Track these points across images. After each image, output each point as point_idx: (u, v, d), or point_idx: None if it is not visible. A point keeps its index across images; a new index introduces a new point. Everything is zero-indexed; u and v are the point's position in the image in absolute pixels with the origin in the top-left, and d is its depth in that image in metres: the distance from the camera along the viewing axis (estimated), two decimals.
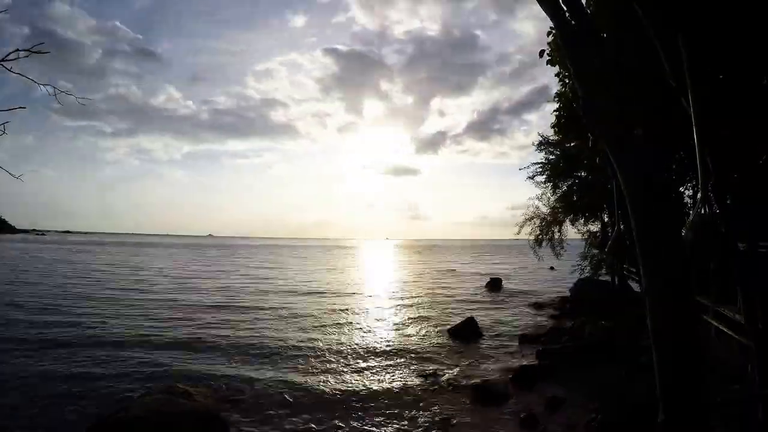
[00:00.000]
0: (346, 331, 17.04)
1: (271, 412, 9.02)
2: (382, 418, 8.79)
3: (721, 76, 5.99)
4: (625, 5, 5.77)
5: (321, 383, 10.78)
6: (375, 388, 10.52)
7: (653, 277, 4.39)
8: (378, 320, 19.55)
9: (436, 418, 8.64)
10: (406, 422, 8.61)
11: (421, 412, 9.01)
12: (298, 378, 11.12)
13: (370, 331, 17.05)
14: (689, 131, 5.19)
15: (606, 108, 4.66)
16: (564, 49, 4.93)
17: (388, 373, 11.69)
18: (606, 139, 4.66)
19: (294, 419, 8.74)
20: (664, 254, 4.31)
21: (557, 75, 9.08)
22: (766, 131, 6.24)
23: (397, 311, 22.05)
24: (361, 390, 10.33)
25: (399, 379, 11.17)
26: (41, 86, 5.87)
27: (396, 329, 17.55)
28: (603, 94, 4.66)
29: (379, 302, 25.10)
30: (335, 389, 10.36)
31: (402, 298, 26.78)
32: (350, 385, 10.70)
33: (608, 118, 4.62)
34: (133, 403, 8.27)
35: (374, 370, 11.95)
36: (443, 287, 32.63)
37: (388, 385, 10.66)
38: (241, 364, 12.38)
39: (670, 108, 5.84)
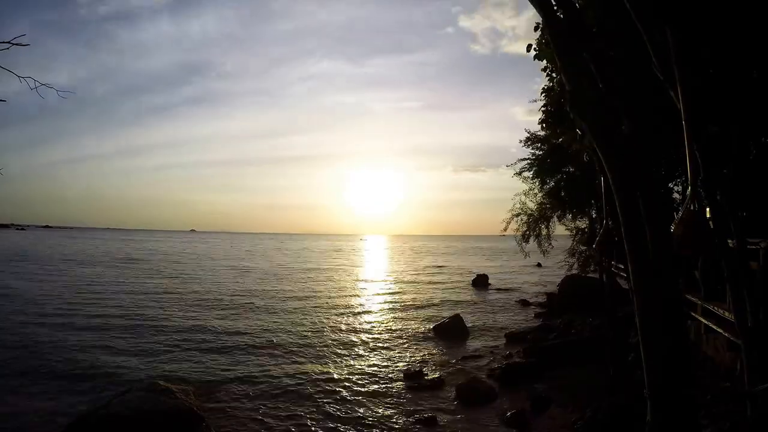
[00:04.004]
0: (329, 328, 16.85)
1: (251, 412, 8.84)
2: (365, 418, 8.66)
3: (710, 70, 5.91)
4: None
5: (303, 381, 10.63)
6: (358, 386, 10.39)
7: (641, 274, 4.29)
8: (361, 317, 19.43)
9: (421, 418, 8.51)
10: (390, 422, 8.48)
11: (405, 412, 8.89)
12: (280, 376, 10.95)
13: (352, 329, 16.90)
14: (678, 125, 5.09)
15: (594, 102, 4.56)
16: (552, 42, 4.81)
17: (372, 371, 11.56)
18: (594, 134, 4.56)
19: (275, 420, 8.57)
20: (653, 251, 4.22)
21: (544, 70, 8.96)
22: (757, 126, 6.18)
23: (382, 308, 21.99)
24: (345, 388, 10.19)
25: (383, 378, 11.04)
26: (21, 78, 5.64)
27: (380, 327, 17.43)
28: (591, 89, 4.55)
29: (361, 299, 25.00)
30: (317, 388, 10.22)
31: (386, 295, 26.71)
32: (333, 383, 10.56)
33: (596, 112, 4.52)
34: (114, 401, 8.14)
35: (358, 368, 11.82)
36: (429, 283, 32.60)
37: (372, 384, 10.53)
38: (223, 361, 12.20)
39: (659, 102, 5.75)
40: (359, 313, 20.71)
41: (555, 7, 4.74)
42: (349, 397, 9.68)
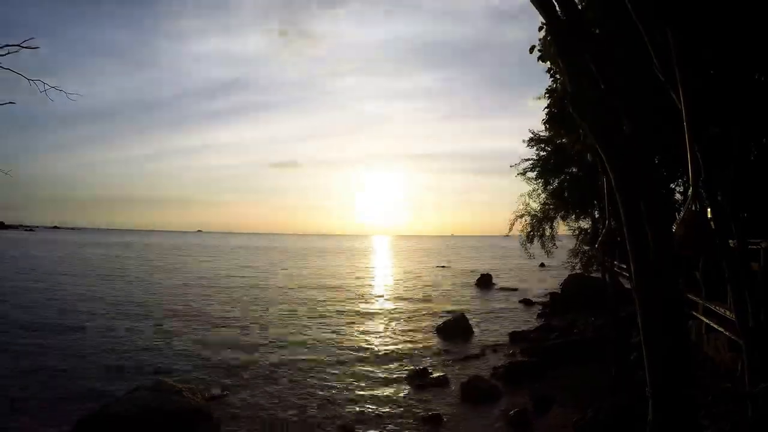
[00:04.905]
0: (333, 328, 16.87)
1: (258, 410, 8.89)
2: (371, 416, 8.71)
3: (711, 72, 5.93)
4: None
5: (308, 381, 10.68)
6: (364, 384, 10.44)
7: (642, 274, 4.31)
8: (365, 317, 19.42)
9: (426, 416, 8.54)
10: (396, 420, 8.53)
11: (410, 411, 8.92)
12: (286, 377, 10.98)
13: (356, 330, 16.90)
14: (679, 126, 5.12)
15: (595, 102, 4.58)
16: (553, 42, 4.84)
17: (377, 371, 11.58)
18: (594, 135, 4.58)
19: (281, 420, 8.59)
20: (654, 251, 4.24)
21: (548, 71, 9.03)
22: (758, 127, 6.18)
23: (387, 307, 22.04)
24: (351, 387, 10.24)
25: (388, 377, 11.07)
26: (31, 81, 5.70)
27: (384, 327, 17.46)
28: (592, 89, 4.58)
29: (366, 298, 25.04)
30: (323, 387, 10.26)
31: (391, 295, 26.74)
32: (339, 382, 10.60)
33: (597, 112, 4.54)
34: (122, 399, 8.12)
35: (363, 367, 11.87)
36: (433, 283, 32.63)
37: (377, 382, 10.58)
38: (231, 360, 12.25)
39: (660, 102, 5.77)
40: (364, 311, 20.76)
41: (557, 8, 4.77)
42: (355, 396, 9.72)
